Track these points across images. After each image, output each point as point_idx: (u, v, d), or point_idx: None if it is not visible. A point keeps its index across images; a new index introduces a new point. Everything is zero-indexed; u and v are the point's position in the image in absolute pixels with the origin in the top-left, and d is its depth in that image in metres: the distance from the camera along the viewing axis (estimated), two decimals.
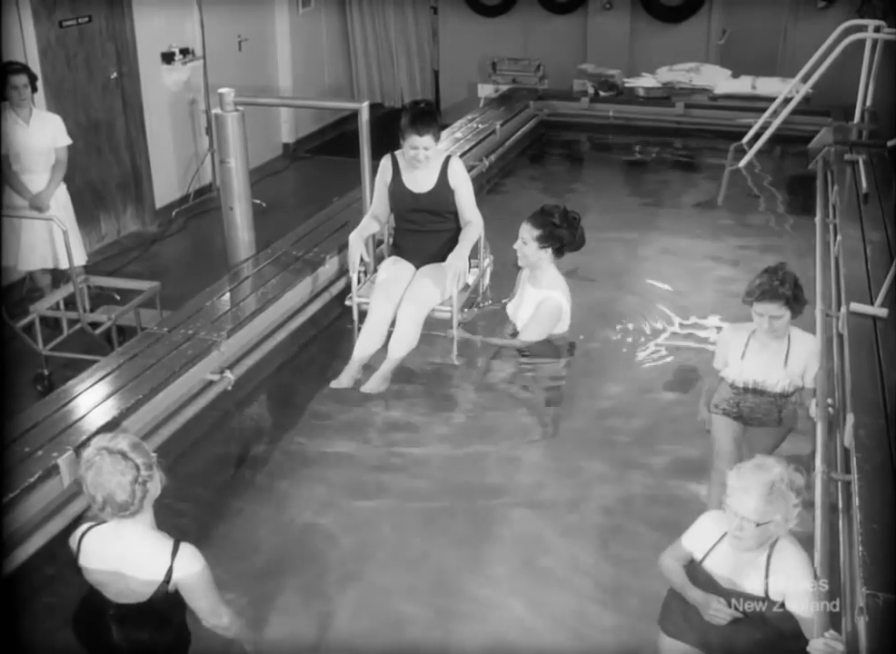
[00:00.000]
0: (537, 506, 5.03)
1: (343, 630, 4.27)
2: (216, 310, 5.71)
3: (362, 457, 5.36)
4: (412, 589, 4.48)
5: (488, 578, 4.54)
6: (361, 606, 4.39)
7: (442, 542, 4.77)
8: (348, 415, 5.69)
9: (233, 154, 6.64)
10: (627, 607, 4.35)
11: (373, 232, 6.12)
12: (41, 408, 4.65)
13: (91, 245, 8.16)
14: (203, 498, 5.00)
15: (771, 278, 4.53)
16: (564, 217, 5.52)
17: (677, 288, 7.53)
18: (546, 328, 5.61)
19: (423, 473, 5.24)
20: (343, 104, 6.69)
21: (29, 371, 6.16)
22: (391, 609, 4.35)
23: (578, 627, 4.27)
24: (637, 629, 4.16)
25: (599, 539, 4.79)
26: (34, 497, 4.05)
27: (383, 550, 4.72)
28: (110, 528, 3.37)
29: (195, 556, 3.39)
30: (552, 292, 5.55)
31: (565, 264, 5.95)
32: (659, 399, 6.04)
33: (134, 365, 5.03)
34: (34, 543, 4.01)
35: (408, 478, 5.21)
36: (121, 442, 3.27)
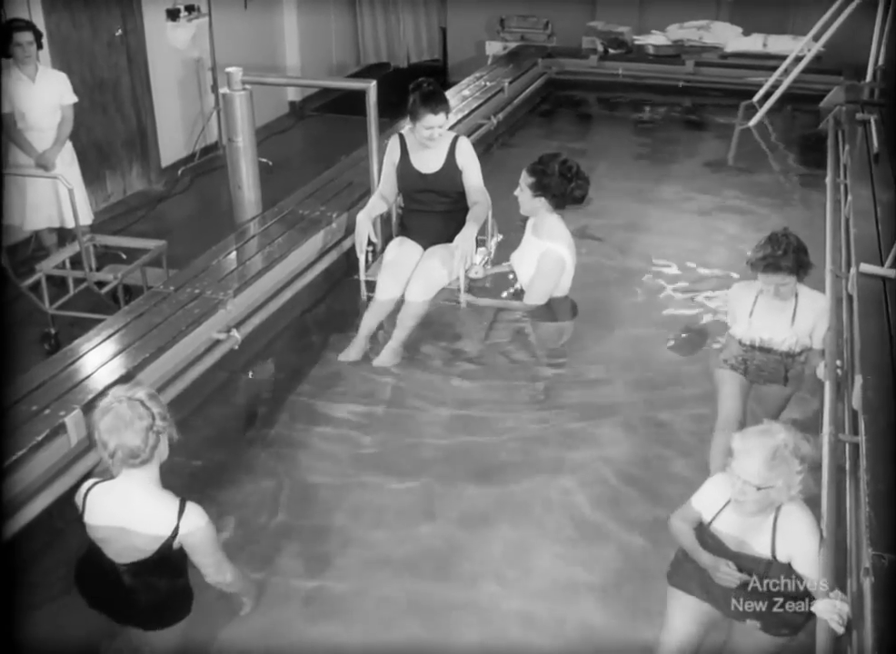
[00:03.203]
0: (541, 467, 5.03)
1: (342, 592, 4.29)
2: (223, 268, 5.69)
3: (367, 420, 5.38)
4: (416, 552, 4.51)
5: (490, 540, 4.56)
6: (362, 568, 4.41)
7: (447, 504, 4.79)
8: (354, 380, 5.72)
9: (241, 133, 6.60)
10: (634, 569, 4.37)
11: (381, 213, 6.12)
12: (47, 367, 4.65)
13: (97, 204, 8.13)
14: (208, 458, 5.01)
15: (775, 249, 4.52)
16: (559, 167, 5.42)
17: (686, 247, 7.51)
18: (551, 282, 5.54)
19: (429, 436, 5.26)
20: (350, 84, 6.69)
21: (35, 330, 6.16)
22: (392, 572, 4.38)
23: (582, 591, 4.29)
24: (645, 590, 4.18)
25: (602, 499, 4.80)
26: (40, 456, 4.05)
27: (388, 513, 4.73)
28: (117, 483, 3.38)
29: (201, 514, 3.41)
30: (552, 243, 5.47)
31: (572, 222, 5.91)
32: (665, 357, 6.03)
33: (141, 324, 5.02)
34: (41, 502, 4.02)
35: (413, 440, 5.23)
36: (139, 392, 3.32)
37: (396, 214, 6.40)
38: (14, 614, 3.29)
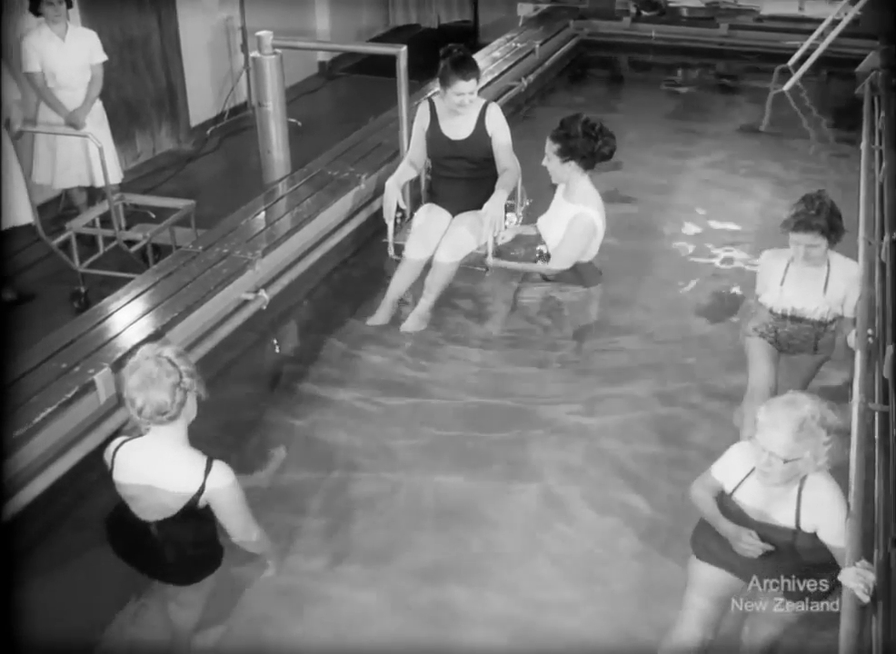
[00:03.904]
0: (565, 432, 5.04)
1: (369, 551, 4.33)
2: (251, 229, 5.70)
3: (393, 383, 5.40)
4: (441, 510, 4.54)
5: (512, 505, 4.58)
6: (390, 526, 4.45)
7: (474, 463, 4.81)
8: (381, 343, 5.74)
9: (271, 97, 6.57)
10: (655, 534, 4.38)
11: (410, 179, 6.11)
12: (77, 325, 4.68)
13: (126, 163, 8.12)
14: (235, 417, 5.05)
15: (808, 207, 4.46)
16: (582, 128, 5.34)
17: (717, 212, 7.46)
18: (579, 246, 5.48)
19: (456, 400, 5.27)
20: (380, 49, 6.66)
21: (65, 289, 6.19)
22: (413, 533, 4.41)
23: (605, 557, 4.31)
24: (667, 555, 4.19)
25: (625, 465, 4.81)
26: (70, 412, 4.09)
27: (415, 472, 4.76)
28: (145, 441, 3.40)
29: (228, 472, 3.42)
30: (585, 207, 5.41)
31: (603, 184, 5.86)
32: (694, 324, 6.00)
33: (170, 283, 5.05)
34: (70, 458, 4.06)
35: (440, 402, 5.24)
36: (167, 350, 3.33)
37: (425, 181, 6.38)
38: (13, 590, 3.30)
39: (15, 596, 3.61)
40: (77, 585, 3.81)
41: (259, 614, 4.00)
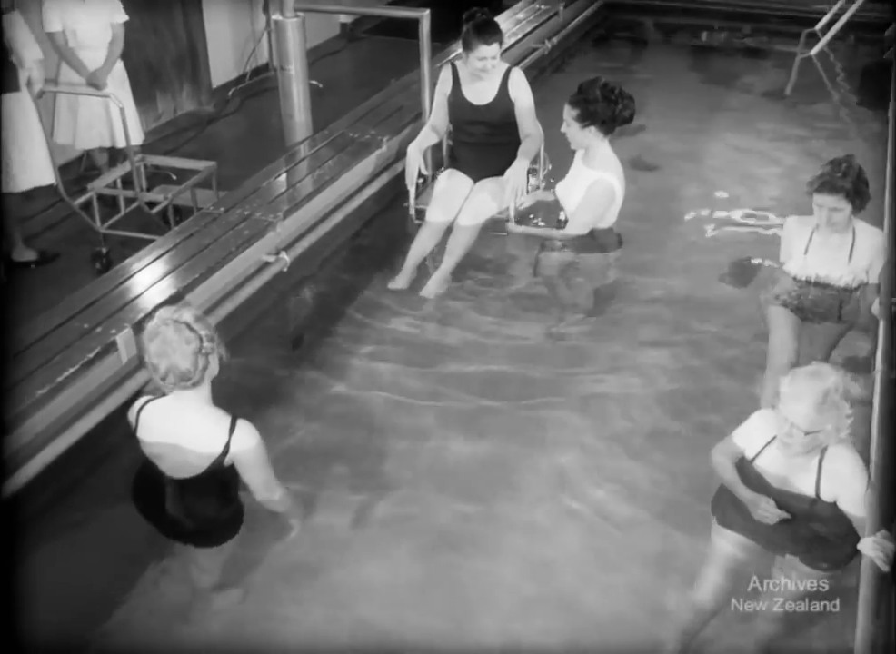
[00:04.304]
0: (584, 397, 5.05)
1: (392, 510, 4.37)
2: (272, 190, 5.69)
3: (413, 347, 5.42)
4: (462, 468, 4.59)
5: (530, 470, 4.60)
6: (411, 485, 4.48)
7: (493, 424, 4.85)
8: (401, 307, 5.75)
9: (293, 60, 6.54)
10: (675, 498, 4.39)
11: (431, 144, 6.10)
12: (99, 285, 4.71)
13: (147, 124, 8.09)
14: (255, 378, 5.07)
15: (834, 170, 4.42)
16: (601, 92, 5.26)
17: (740, 178, 7.40)
18: (597, 212, 5.42)
19: (474, 364, 5.28)
20: (403, 13, 6.59)
21: (87, 249, 6.20)
22: (433, 496, 4.43)
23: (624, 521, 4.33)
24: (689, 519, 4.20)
25: (645, 431, 4.82)
26: (92, 372, 4.11)
27: (431, 438, 4.78)
28: (169, 401, 3.41)
29: (252, 431, 3.43)
30: (604, 173, 5.35)
31: (626, 150, 5.82)
32: (716, 290, 5.97)
33: (191, 245, 5.05)
34: (93, 418, 4.08)
35: (458, 367, 5.26)
36: (185, 314, 3.30)
37: (447, 146, 6.35)
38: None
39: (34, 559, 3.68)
40: (98, 547, 3.84)
41: (278, 576, 4.03)
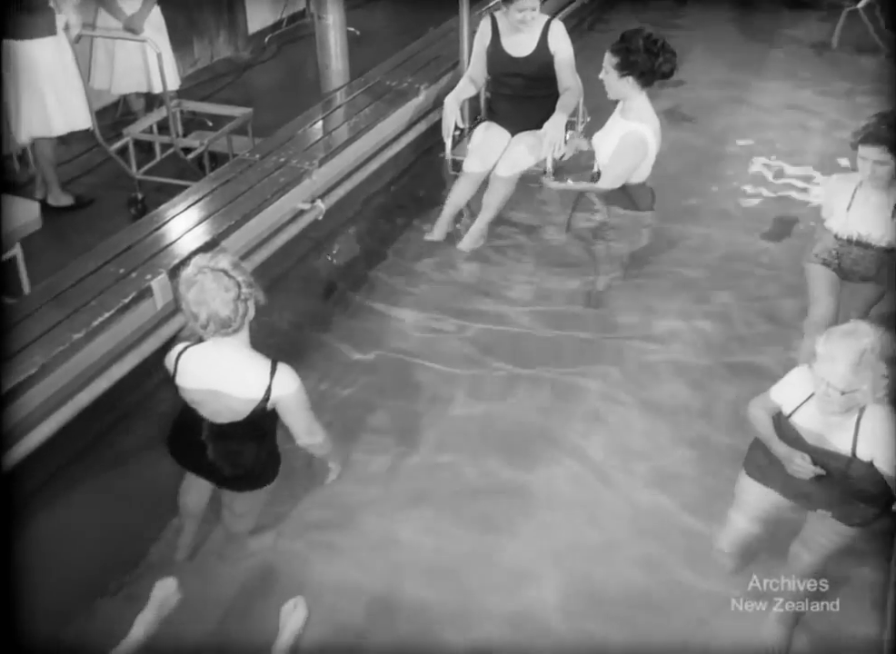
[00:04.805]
0: (617, 355, 5.03)
1: (427, 460, 4.39)
2: (308, 138, 5.66)
3: (447, 301, 5.40)
4: (499, 423, 4.58)
5: (562, 425, 4.60)
6: (439, 439, 4.50)
7: (526, 382, 4.82)
8: (436, 260, 5.74)
9: (330, 8, 6.47)
10: (710, 452, 4.39)
11: (469, 96, 6.04)
12: (134, 231, 4.71)
13: (184, 70, 8.06)
14: (289, 326, 5.09)
15: (880, 122, 4.36)
16: (643, 43, 5.16)
17: (782, 132, 7.27)
18: (629, 165, 5.32)
19: (506, 323, 5.26)
20: None
21: (123, 195, 6.20)
22: (467, 448, 4.45)
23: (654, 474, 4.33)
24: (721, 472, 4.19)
25: (680, 387, 4.80)
26: (127, 317, 4.12)
27: (464, 392, 4.78)
28: (208, 347, 3.40)
29: (292, 375, 3.43)
30: (639, 125, 5.27)
31: (665, 102, 5.73)
32: (755, 247, 5.90)
33: (226, 191, 5.04)
34: (128, 362, 4.10)
35: (490, 326, 5.23)
36: (222, 261, 3.28)
37: (484, 99, 6.29)
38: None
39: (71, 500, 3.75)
40: (133, 489, 3.87)
41: (312, 521, 4.07)
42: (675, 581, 3.83)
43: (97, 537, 3.68)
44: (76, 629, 3.48)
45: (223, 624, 3.61)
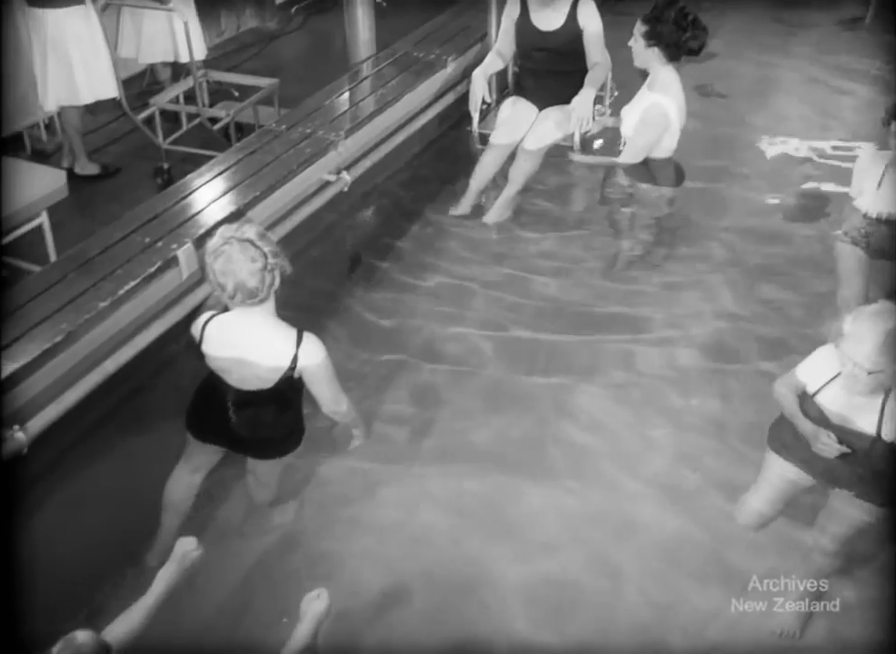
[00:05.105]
0: (643, 327, 5.03)
1: (451, 425, 4.42)
2: (335, 109, 5.64)
3: (472, 274, 5.39)
4: (522, 390, 4.61)
5: (584, 393, 4.61)
6: (462, 408, 4.51)
7: (549, 353, 4.85)
8: (462, 233, 5.72)
9: None
10: (732, 428, 4.38)
11: (497, 70, 6.01)
12: (160, 200, 4.71)
13: (210, 40, 8.03)
14: (313, 296, 5.09)
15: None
16: (674, 15, 5.12)
17: (812, 108, 7.20)
18: (649, 138, 5.32)
19: (532, 296, 5.25)
20: None
21: (149, 164, 6.21)
22: (491, 417, 4.46)
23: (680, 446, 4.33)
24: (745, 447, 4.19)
25: (705, 363, 4.79)
26: (153, 286, 4.13)
27: (487, 364, 4.80)
28: (235, 316, 3.41)
29: (319, 344, 3.45)
30: (663, 97, 5.25)
31: (695, 75, 5.67)
32: (783, 225, 5.85)
33: (252, 162, 5.03)
34: (153, 331, 4.11)
35: (516, 299, 5.22)
36: (248, 231, 3.28)
37: (512, 73, 6.25)
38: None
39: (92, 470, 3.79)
40: (152, 460, 3.89)
41: (334, 492, 4.08)
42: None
43: (121, 504, 3.70)
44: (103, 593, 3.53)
45: (243, 594, 3.64)
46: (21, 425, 3.45)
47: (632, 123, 5.38)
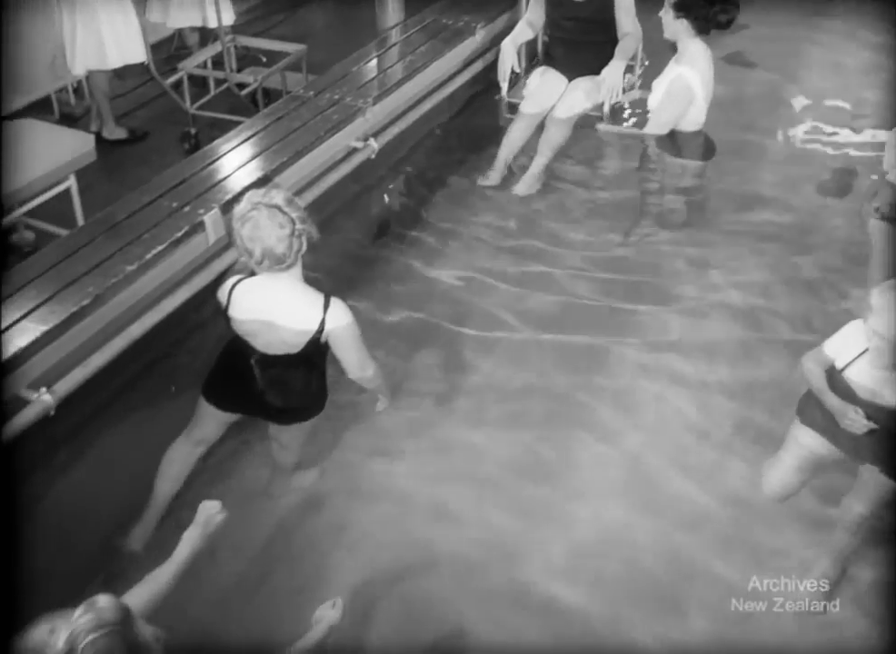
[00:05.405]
0: (670, 297, 5.01)
1: (467, 396, 4.42)
2: (362, 76, 5.62)
3: (500, 246, 5.38)
4: (550, 353, 4.63)
5: (616, 361, 4.61)
6: (490, 372, 4.53)
7: (578, 319, 4.86)
8: (490, 204, 5.70)
9: None
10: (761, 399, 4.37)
11: (526, 40, 5.96)
12: (187, 165, 4.71)
13: (238, 5, 8.00)
14: (339, 262, 5.09)
15: None
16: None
17: (844, 83, 7.09)
18: (673, 111, 5.30)
19: (560, 264, 5.23)
20: None
21: (176, 129, 6.21)
22: (520, 379, 4.48)
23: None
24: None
25: (735, 334, 4.76)
26: (180, 251, 4.14)
27: (516, 330, 4.79)
28: (262, 280, 3.41)
29: (345, 309, 3.45)
30: (689, 70, 5.22)
31: (727, 46, 5.61)
32: (813, 200, 5.78)
33: (280, 127, 5.02)
34: (179, 296, 4.12)
35: (543, 269, 5.21)
36: (276, 197, 3.28)
37: (542, 43, 6.20)
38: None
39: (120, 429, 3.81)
40: (177, 422, 3.90)
41: (355, 459, 4.10)
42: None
43: (147, 465, 3.72)
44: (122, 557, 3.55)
45: (263, 558, 3.67)
46: (48, 387, 3.47)
47: (658, 96, 5.35)
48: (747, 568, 3.62)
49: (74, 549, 3.51)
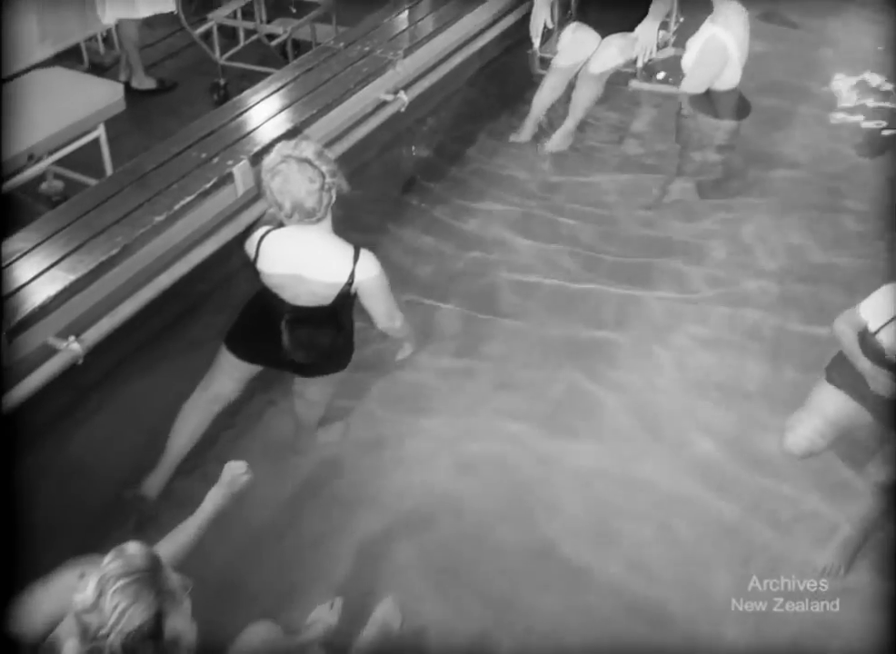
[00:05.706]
0: (700, 255, 4.98)
1: (489, 353, 4.41)
2: (393, 28, 5.55)
3: (525, 203, 5.34)
4: (567, 321, 4.59)
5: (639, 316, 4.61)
6: (514, 328, 4.52)
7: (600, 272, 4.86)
8: (521, 161, 5.66)
9: None
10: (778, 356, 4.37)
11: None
12: (216, 116, 4.68)
13: None
14: (370, 215, 5.08)
15: None
16: None
17: (887, 44, 6.94)
18: (708, 71, 5.27)
19: (591, 219, 5.20)
20: None
21: (206, 80, 6.20)
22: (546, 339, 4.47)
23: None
24: None
25: (763, 297, 4.72)
26: (208, 203, 4.12)
27: (544, 285, 4.78)
28: (291, 232, 3.40)
29: (374, 261, 3.45)
30: (723, 31, 5.18)
31: (761, 6, 5.50)
32: (847, 163, 5.71)
33: (309, 79, 4.97)
34: (207, 248, 4.11)
35: (577, 221, 5.18)
36: (305, 150, 3.26)
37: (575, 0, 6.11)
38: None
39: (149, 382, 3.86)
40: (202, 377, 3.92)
41: (381, 415, 4.11)
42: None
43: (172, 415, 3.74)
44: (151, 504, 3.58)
45: (290, 511, 3.69)
46: (77, 336, 3.49)
47: (692, 55, 5.30)
48: (768, 529, 3.64)
49: (98, 496, 3.55)
